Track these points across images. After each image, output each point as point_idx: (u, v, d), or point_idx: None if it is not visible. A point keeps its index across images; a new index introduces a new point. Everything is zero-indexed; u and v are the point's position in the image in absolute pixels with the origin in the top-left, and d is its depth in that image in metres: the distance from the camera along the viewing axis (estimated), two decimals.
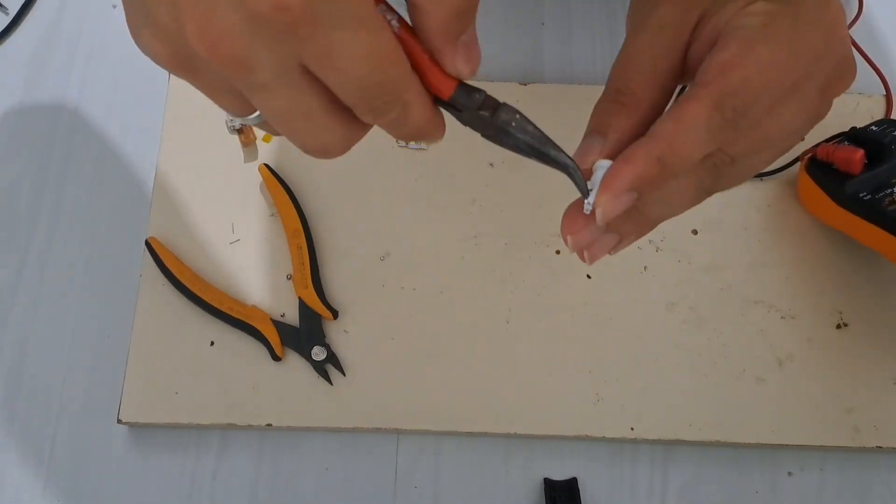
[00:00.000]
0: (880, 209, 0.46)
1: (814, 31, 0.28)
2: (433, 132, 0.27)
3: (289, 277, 0.51)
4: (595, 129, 0.29)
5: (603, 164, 0.28)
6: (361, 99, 0.24)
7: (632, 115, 0.29)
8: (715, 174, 0.30)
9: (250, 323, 0.49)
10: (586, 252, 0.30)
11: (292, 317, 0.50)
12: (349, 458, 0.49)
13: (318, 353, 0.49)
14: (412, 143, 0.54)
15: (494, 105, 0.26)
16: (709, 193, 0.30)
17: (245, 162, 0.54)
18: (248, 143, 0.53)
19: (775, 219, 0.52)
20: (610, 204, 0.27)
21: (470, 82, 0.26)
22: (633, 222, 0.30)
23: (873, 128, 0.50)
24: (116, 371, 0.49)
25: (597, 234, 0.29)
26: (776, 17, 0.28)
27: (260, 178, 0.53)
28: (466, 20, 0.25)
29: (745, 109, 0.27)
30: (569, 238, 0.29)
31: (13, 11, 0.60)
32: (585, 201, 0.28)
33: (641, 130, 0.29)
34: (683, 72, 0.30)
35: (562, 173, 0.27)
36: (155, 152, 0.54)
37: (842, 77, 0.30)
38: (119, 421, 0.48)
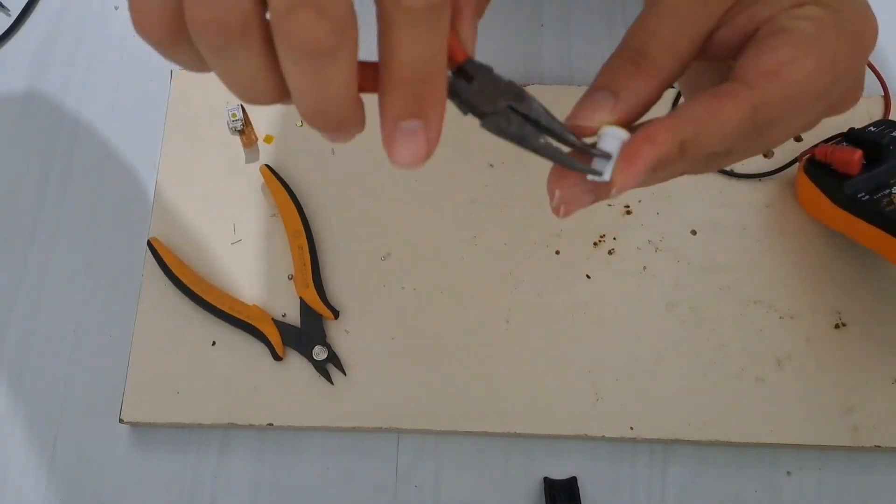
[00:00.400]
0: (878, 210, 0.46)
1: (849, 47, 0.28)
2: (351, 114, 0.24)
3: (290, 277, 0.51)
4: (606, 86, 0.28)
5: (612, 133, 0.26)
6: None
7: (649, 80, 0.28)
8: (709, 163, 0.29)
9: (251, 323, 0.49)
10: (564, 207, 0.28)
11: (293, 317, 0.50)
12: (350, 458, 0.49)
13: (319, 353, 0.49)
14: None
15: (516, 93, 0.25)
16: (682, 174, 0.29)
17: (246, 163, 0.54)
18: (250, 143, 0.54)
19: (774, 219, 0.53)
20: (629, 182, 0.26)
21: None
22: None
23: (871, 128, 0.50)
24: (118, 371, 0.49)
25: (579, 191, 0.28)
26: (826, 27, 0.27)
27: (261, 179, 0.53)
28: None
29: (775, 120, 0.27)
30: (557, 192, 0.28)
31: (15, 12, 0.60)
32: (594, 171, 0.26)
33: (654, 99, 0.28)
34: (704, 51, 0.29)
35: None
36: (157, 153, 0.55)
37: (851, 98, 0.30)
38: (121, 420, 0.48)
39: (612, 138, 0.26)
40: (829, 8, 0.27)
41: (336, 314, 0.50)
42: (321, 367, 0.49)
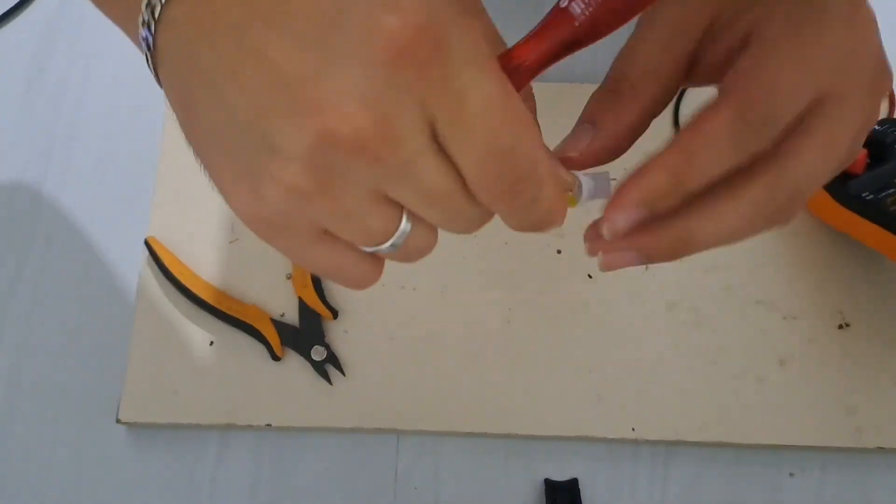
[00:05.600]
0: (883, 209, 0.46)
1: (842, 36, 0.27)
2: (559, 216, 0.26)
3: (288, 277, 0.51)
4: (587, 119, 0.29)
5: (583, 177, 0.27)
6: (488, 171, 0.23)
7: (627, 106, 0.28)
8: (769, 191, 0.27)
9: (250, 322, 0.49)
10: (607, 267, 0.30)
11: (292, 316, 0.50)
12: (349, 459, 0.49)
13: (318, 353, 0.48)
14: None
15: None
16: (770, 220, 0.27)
17: None
18: None
19: None
20: (620, 220, 0.26)
21: None
22: (665, 240, 0.28)
23: (876, 127, 0.49)
24: (116, 371, 0.49)
25: (621, 255, 0.29)
26: (801, 23, 0.27)
27: None
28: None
29: (772, 115, 0.26)
30: (599, 255, 0.30)
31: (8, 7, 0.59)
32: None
33: (637, 125, 0.28)
34: (694, 73, 0.29)
35: None
36: (155, 152, 0.54)
37: (880, 80, 0.29)
38: (118, 421, 0.48)
39: (585, 179, 0.27)
40: (808, 5, 0.27)
41: (335, 314, 0.49)
42: (320, 368, 0.48)
